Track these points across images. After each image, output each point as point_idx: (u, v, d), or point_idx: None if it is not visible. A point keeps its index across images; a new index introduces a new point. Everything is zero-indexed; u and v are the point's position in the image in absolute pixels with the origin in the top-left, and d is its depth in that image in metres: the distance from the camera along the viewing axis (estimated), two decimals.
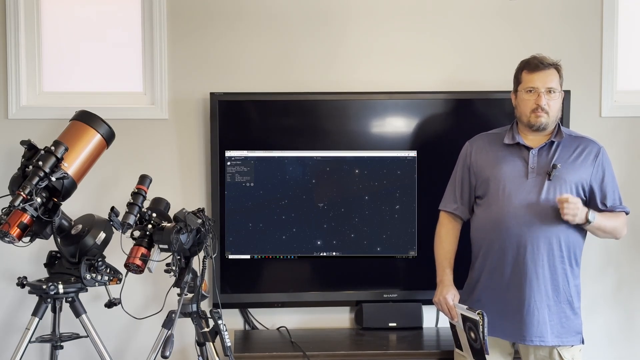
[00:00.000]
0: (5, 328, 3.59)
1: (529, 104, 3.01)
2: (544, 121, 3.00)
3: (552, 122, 3.03)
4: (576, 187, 3.01)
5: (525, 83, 3.02)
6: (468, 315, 2.95)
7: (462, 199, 3.18)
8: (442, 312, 3.12)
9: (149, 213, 3.08)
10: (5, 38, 3.57)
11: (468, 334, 2.97)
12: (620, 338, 3.83)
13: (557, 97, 3.02)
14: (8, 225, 2.85)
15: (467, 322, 2.96)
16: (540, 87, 2.98)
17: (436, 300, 3.10)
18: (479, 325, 2.89)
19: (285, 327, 3.66)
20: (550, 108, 3.00)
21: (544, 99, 2.98)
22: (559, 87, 3.02)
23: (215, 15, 3.66)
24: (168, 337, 2.78)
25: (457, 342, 3.13)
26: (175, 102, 3.65)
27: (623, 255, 3.80)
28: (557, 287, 2.99)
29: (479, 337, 2.90)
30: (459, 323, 3.02)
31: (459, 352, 3.13)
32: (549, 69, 3.01)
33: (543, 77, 2.99)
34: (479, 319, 2.88)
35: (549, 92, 2.99)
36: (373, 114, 3.64)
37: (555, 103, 3.01)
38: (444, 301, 3.06)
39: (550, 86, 2.99)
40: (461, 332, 3.03)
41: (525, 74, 3.03)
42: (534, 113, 2.99)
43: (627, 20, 3.81)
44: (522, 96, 3.03)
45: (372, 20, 3.71)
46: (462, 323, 3.00)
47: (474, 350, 2.97)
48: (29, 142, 2.99)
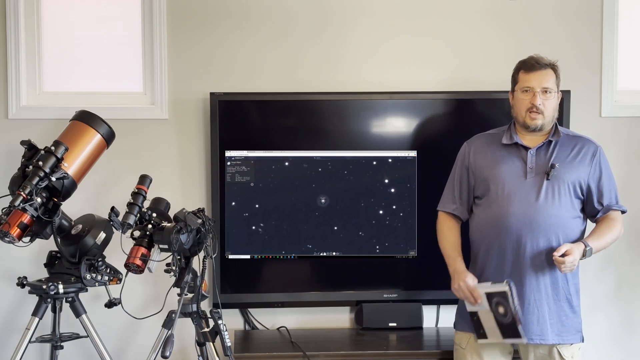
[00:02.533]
0: (5, 328, 3.59)
1: (524, 103, 3.02)
2: (539, 123, 3.01)
3: (548, 123, 3.04)
4: (574, 186, 3.02)
5: (522, 83, 3.03)
6: (494, 290, 2.91)
7: (460, 199, 3.18)
8: (464, 298, 3.01)
9: (149, 213, 3.08)
10: (5, 38, 3.57)
11: (496, 311, 2.92)
12: (621, 337, 3.83)
13: (552, 97, 3.02)
14: (8, 225, 2.85)
15: (494, 298, 2.91)
16: (535, 86, 2.99)
17: (455, 287, 3.02)
18: (508, 295, 2.86)
19: (285, 327, 3.66)
20: (546, 108, 3.00)
21: (539, 98, 2.99)
22: (555, 87, 3.03)
23: (215, 15, 3.66)
24: (168, 337, 2.78)
25: (479, 331, 3.02)
26: (175, 102, 3.65)
27: (623, 255, 3.80)
28: (556, 285, 3.00)
29: (509, 308, 2.87)
30: (482, 305, 2.95)
31: (482, 341, 3.03)
32: (545, 69, 3.01)
33: (539, 77, 3.00)
34: (507, 289, 2.86)
35: (545, 92, 3.00)
36: (373, 114, 3.64)
37: (550, 103, 3.02)
38: (464, 285, 2.98)
39: (546, 86, 3.00)
40: (486, 315, 2.96)
41: (522, 74, 3.04)
42: (529, 114, 3.00)
43: (627, 20, 3.81)
44: (518, 96, 3.05)
45: (373, 21, 3.71)
46: (488, 302, 2.94)
47: (504, 327, 2.91)
48: (29, 142, 2.99)
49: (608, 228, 3.04)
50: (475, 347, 3.10)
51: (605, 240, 3.03)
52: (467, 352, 3.12)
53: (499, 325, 2.94)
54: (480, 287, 2.97)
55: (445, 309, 3.70)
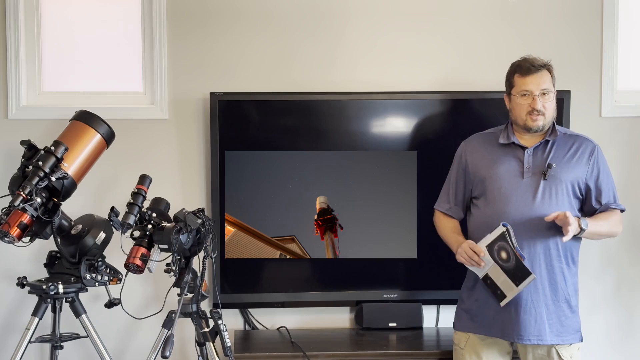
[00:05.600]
0: (5, 328, 3.59)
1: (524, 107, 3.01)
2: (540, 124, 3.01)
3: (548, 123, 3.04)
4: (572, 185, 3.02)
5: (519, 87, 3.02)
6: (493, 238, 2.93)
7: (455, 199, 3.19)
8: (469, 259, 2.97)
9: (149, 213, 3.08)
10: (5, 38, 3.57)
11: (500, 259, 2.93)
12: (621, 338, 3.83)
13: (551, 98, 3.02)
14: (8, 225, 2.85)
15: (495, 245, 2.93)
16: (534, 90, 2.99)
17: (459, 252, 3.01)
18: (506, 235, 2.89)
19: (285, 327, 3.66)
20: (547, 109, 3.00)
21: (539, 102, 2.98)
22: (552, 87, 3.03)
23: (215, 15, 3.66)
24: (168, 337, 2.78)
25: (496, 293, 2.98)
26: (175, 102, 3.66)
27: (623, 255, 3.80)
28: (554, 285, 3.00)
29: (509, 249, 2.89)
30: (487, 262, 2.95)
31: (504, 302, 2.97)
32: (541, 71, 3.01)
33: (536, 79, 3.00)
34: (504, 230, 2.89)
35: (544, 94, 3.00)
36: (372, 114, 3.64)
37: (550, 104, 3.02)
38: (465, 245, 2.98)
39: (544, 88, 3.00)
40: (495, 271, 2.96)
41: (518, 78, 3.03)
42: (531, 116, 3.00)
43: (627, 20, 3.81)
44: (516, 100, 3.04)
45: (372, 20, 3.71)
46: (491, 253, 2.94)
47: (512, 273, 2.92)
48: (29, 142, 2.99)
49: (606, 216, 3.04)
50: (474, 347, 3.10)
51: (601, 224, 3.01)
52: (466, 352, 3.12)
53: (508, 275, 2.94)
54: (481, 242, 2.98)
55: (445, 309, 3.70)
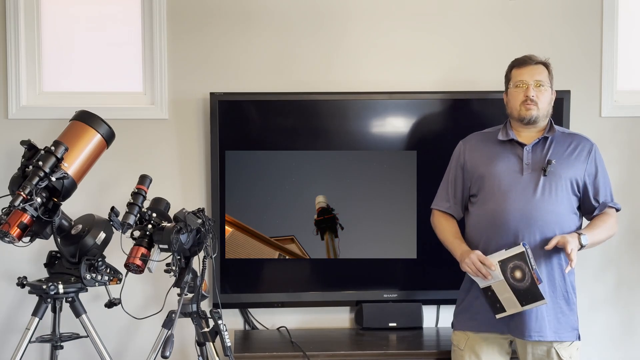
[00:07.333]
0: (5, 328, 3.59)
1: (518, 96, 3.04)
2: (534, 114, 3.02)
3: (542, 116, 3.05)
4: (570, 182, 3.03)
5: (514, 78, 3.07)
6: (509, 255, 2.91)
7: (454, 197, 3.19)
8: (476, 271, 2.95)
9: (149, 213, 3.08)
10: (5, 38, 3.57)
11: (512, 278, 2.91)
12: (621, 337, 3.83)
13: (546, 90, 3.04)
14: (8, 225, 2.85)
15: (510, 264, 2.91)
16: (528, 79, 3.02)
17: (466, 262, 2.98)
18: (526, 256, 2.87)
19: (285, 327, 3.66)
20: (540, 100, 3.02)
21: (532, 90, 3.01)
22: (547, 82, 3.05)
23: (215, 15, 3.66)
24: (168, 337, 2.78)
25: (495, 306, 2.99)
26: (175, 102, 3.66)
27: (623, 255, 3.80)
28: (553, 282, 3.00)
29: (527, 270, 2.87)
30: (495, 277, 2.93)
31: (500, 315, 2.99)
32: (537, 65, 3.05)
33: (531, 70, 3.04)
34: (524, 250, 2.87)
35: (538, 86, 3.02)
36: (373, 114, 3.64)
37: (544, 96, 3.03)
38: (474, 257, 2.96)
39: (539, 79, 3.02)
40: (500, 287, 2.94)
41: (514, 71, 3.08)
42: (524, 105, 3.02)
43: (627, 20, 3.81)
44: (511, 92, 3.07)
45: (372, 20, 3.71)
46: (503, 270, 2.92)
47: (522, 294, 2.90)
48: (29, 142, 2.99)
49: (603, 222, 3.05)
50: (474, 348, 3.10)
51: (599, 233, 3.03)
52: (465, 353, 3.12)
53: (516, 293, 2.93)
54: (492, 256, 2.95)
55: (445, 309, 3.70)
